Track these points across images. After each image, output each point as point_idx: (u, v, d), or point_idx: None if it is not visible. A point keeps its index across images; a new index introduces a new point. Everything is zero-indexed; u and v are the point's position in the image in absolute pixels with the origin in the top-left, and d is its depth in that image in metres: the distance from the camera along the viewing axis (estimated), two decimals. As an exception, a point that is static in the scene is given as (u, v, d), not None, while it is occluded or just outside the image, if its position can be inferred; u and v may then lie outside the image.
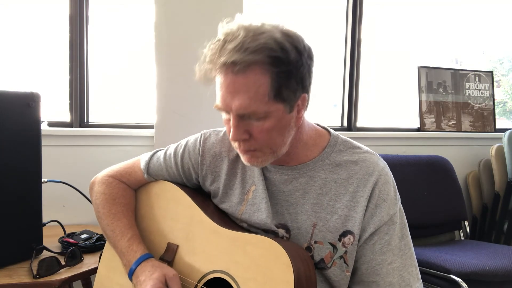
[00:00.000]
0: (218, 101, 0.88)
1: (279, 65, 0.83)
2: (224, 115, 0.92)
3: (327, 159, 0.99)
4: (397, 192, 0.99)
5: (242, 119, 0.87)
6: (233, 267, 0.94)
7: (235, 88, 0.84)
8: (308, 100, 0.93)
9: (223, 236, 0.98)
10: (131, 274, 1.01)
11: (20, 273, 1.27)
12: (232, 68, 0.83)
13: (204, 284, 0.98)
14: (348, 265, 0.95)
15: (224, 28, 0.88)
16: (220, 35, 0.87)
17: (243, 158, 0.96)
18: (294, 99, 0.88)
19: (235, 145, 0.95)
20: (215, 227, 1.00)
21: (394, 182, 0.99)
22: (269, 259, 0.88)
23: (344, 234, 0.94)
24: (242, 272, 0.92)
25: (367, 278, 0.95)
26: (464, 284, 1.73)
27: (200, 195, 1.12)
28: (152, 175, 1.15)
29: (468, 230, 2.38)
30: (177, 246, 1.06)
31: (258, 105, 0.84)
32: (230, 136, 0.90)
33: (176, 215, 1.09)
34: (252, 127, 0.88)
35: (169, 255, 1.06)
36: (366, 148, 1.02)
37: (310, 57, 0.89)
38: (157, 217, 1.13)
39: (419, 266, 0.99)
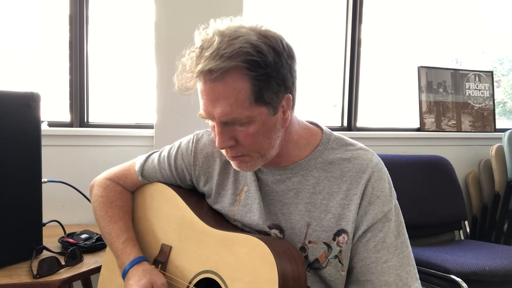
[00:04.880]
0: (201, 109, 0.88)
1: (257, 69, 0.81)
2: (209, 122, 0.91)
3: (319, 158, 0.97)
4: (393, 189, 0.97)
5: (226, 125, 0.87)
6: (221, 267, 0.94)
7: (214, 95, 0.84)
8: (293, 100, 0.91)
9: (212, 236, 0.98)
10: (124, 276, 1.02)
11: (20, 273, 1.27)
12: (209, 75, 0.82)
13: (195, 285, 0.98)
14: (343, 265, 0.94)
15: (200, 35, 0.87)
16: (197, 43, 0.86)
17: (232, 164, 0.95)
18: (277, 100, 0.86)
19: (223, 151, 0.94)
20: (205, 227, 1.00)
21: (390, 178, 0.98)
22: (255, 259, 0.87)
23: (338, 233, 0.93)
24: (230, 272, 0.92)
25: (362, 276, 0.94)
26: (464, 284, 1.73)
27: (194, 196, 1.12)
28: (146, 177, 1.15)
29: (468, 230, 2.38)
30: (170, 247, 1.07)
31: (240, 111, 0.83)
32: (216, 144, 0.89)
33: (169, 216, 1.09)
34: (237, 133, 0.87)
35: (162, 257, 1.07)
36: (360, 145, 1.01)
37: (290, 56, 0.88)
38: (152, 219, 1.13)
39: (419, 266, 0.98)
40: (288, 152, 0.98)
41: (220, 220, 1.05)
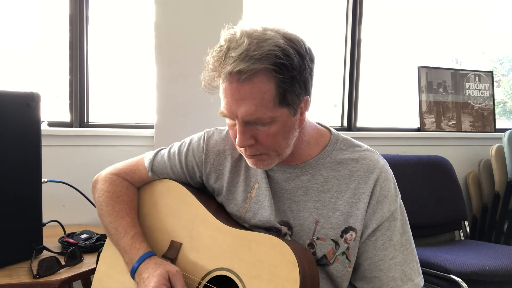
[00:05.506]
0: (223, 107, 0.89)
1: (284, 72, 0.84)
2: (228, 120, 0.93)
3: (328, 157, 1.00)
4: (397, 189, 1.01)
5: (247, 125, 0.89)
6: (237, 264, 0.94)
7: (240, 95, 0.85)
8: (310, 102, 0.94)
9: (228, 234, 0.99)
10: (133, 272, 1.01)
11: (20, 273, 1.27)
12: (237, 76, 0.83)
13: (208, 282, 0.98)
14: (350, 261, 0.97)
15: (226, 34, 0.88)
16: (222, 42, 0.87)
17: (249, 162, 0.97)
18: (298, 102, 0.89)
19: (241, 150, 0.96)
20: (220, 225, 1.01)
21: (394, 179, 1.01)
22: (275, 257, 0.89)
23: (346, 230, 0.96)
24: (247, 270, 0.92)
25: (369, 274, 0.97)
26: (464, 284, 1.73)
27: (204, 194, 1.13)
28: (156, 173, 1.16)
29: (468, 230, 2.38)
30: (181, 244, 1.07)
31: (264, 111, 0.86)
32: (237, 142, 0.91)
33: (180, 213, 1.10)
34: (258, 132, 0.89)
35: (172, 253, 1.06)
36: (366, 146, 1.04)
37: (311, 59, 0.90)
38: (161, 215, 1.13)
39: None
40: (300, 151, 1.01)
41: (229, 219, 1.06)
